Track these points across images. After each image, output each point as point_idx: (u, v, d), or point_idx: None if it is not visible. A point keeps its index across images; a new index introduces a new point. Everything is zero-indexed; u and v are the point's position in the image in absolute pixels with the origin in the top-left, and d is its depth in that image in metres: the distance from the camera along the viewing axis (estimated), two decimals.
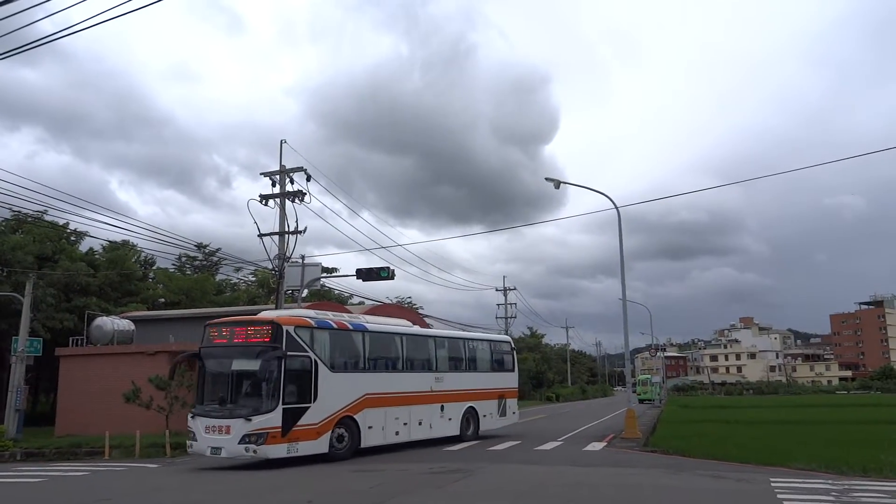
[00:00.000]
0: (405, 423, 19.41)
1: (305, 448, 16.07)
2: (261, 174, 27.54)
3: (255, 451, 15.26)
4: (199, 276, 50.98)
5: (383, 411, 18.60)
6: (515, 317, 65.08)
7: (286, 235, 26.66)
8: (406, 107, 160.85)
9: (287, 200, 26.79)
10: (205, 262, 53.50)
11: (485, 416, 22.85)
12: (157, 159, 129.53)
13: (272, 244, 26.62)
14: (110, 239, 44.56)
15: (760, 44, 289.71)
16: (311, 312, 18.32)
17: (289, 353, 15.83)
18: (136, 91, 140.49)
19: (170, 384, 21.14)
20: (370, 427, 18.04)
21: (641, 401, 62.84)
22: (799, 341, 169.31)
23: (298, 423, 15.89)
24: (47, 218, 34.43)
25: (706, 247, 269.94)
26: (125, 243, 41.65)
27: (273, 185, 26.95)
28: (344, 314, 20.93)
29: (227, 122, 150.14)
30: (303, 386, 16.15)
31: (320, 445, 16.50)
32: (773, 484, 11.86)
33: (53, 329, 34.51)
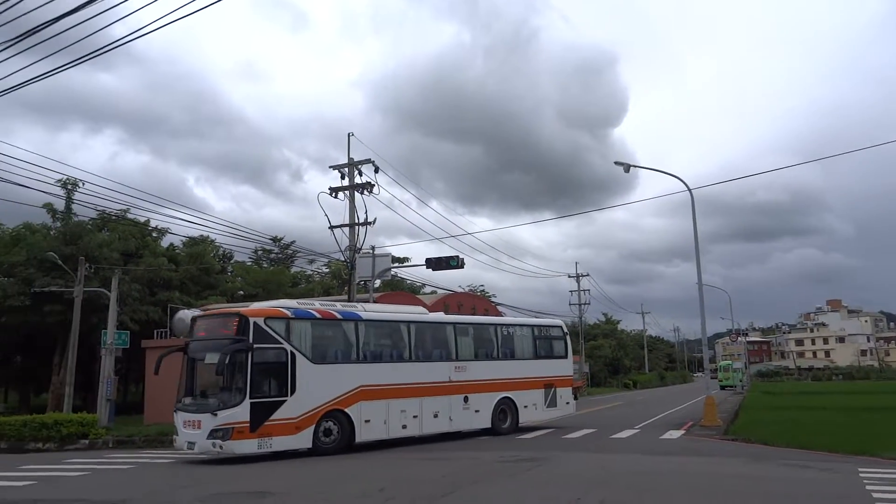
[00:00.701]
0: (415, 416, 18.13)
1: (281, 443, 15.61)
2: (329, 167, 27.95)
3: (220, 447, 14.99)
4: (275, 268, 52.18)
5: (385, 404, 17.50)
6: (589, 303, 64.42)
7: (356, 227, 26.98)
8: (470, 94, 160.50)
9: (356, 192, 27.08)
10: (280, 255, 54.73)
11: (525, 406, 21.03)
12: (231, 156, 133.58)
13: (343, 236, 27.01)
14: (190, 234, 46.04)
15: (837, 15, 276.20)
16: (293, 302, 17.68)
17: (257, 345, 15.39)
18: (207, 91, 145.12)
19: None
20: (367, 421, 17.04)
21: (723, 387, 61.19)
22: (893, 324, 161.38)
23: (272, 417, 15.41)
24: (130, 216, 35.81)
25: (787, 227, 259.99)
26: (204, 238, 42.95)
27: (342, 177, 27.29)
28: (337, 303, 19.41)
29: (295, 117, 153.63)
30: (276, 379, 15.67)
31: (301, 440, 15.96)
32: (861, 474, 11.30)
33: (140, 322, 35.92)
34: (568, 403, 22.65)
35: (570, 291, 63.87)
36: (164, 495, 11.01)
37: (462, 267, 27.68)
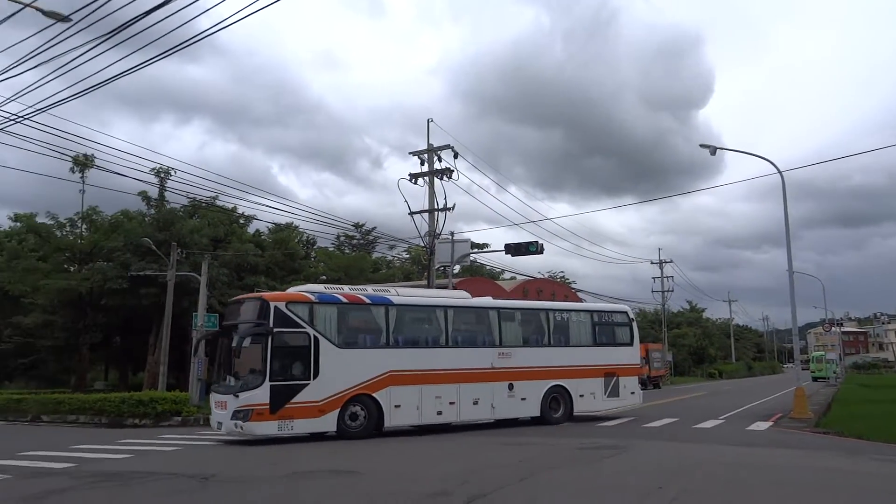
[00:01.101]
0: (452, 403, 17.76)
1: (303, 426, 15.79)
2: (409, 154, 28.20)
3: (241, 428, 15.37)
4: (357, 254, 53.11)
5: (417, 389, 17.26)
6: (672, 290, 62.96)
7: (436, 213, 27.15)
8: (549, 79, 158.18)
9: (436, 178, 27.23)
10: (361, 241, 55.66)
11: (581, 396, 20.07)
12: (313, 144, 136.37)
13: (423, 222, 27.23)
14: (275, 221, 47.37)
15: None
16: (320, 287, 17.82)
17: (277, 329, 15.60)
18: (289, 81, 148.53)
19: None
20: (398, 406, 16.91)
21: (815, 379, 58.81)
22: None
23: (294, 400, 15.62)
24: (219, 203, 37.10)
25: (887, 212, 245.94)
26: (289, 225, 44.09)
27: (422, 163, 27.50)
28: (368, 287, 19.58)
29: (374, 104, 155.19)
30: (299, 363, 15.87)
31: (325, 424, 16.08)
32: None
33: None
34: (633, 394, 21.46)
35: (653, 278, 62.59)
36: (251, 471, 11.41)
37: (541, 252, 27.49)
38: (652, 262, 62.23)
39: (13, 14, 12.46)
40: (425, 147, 27.58)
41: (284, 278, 43.33)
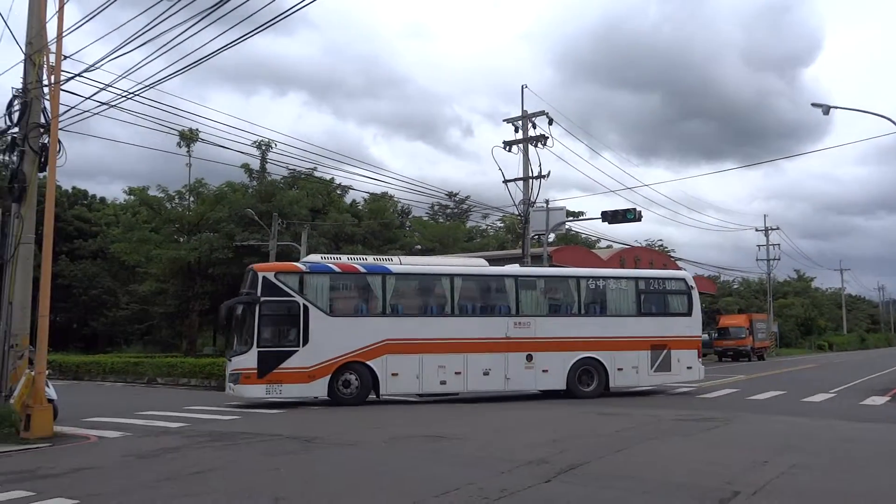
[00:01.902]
0: (457, 373, 17.38)
1: (292, 391, 16.42)
2: (503, 120, 27.93)
3: (233, 390, 16.59)
4: (451, 223, 53.39)
5: (417, 358, 17.11)
6: (779, 259, 60.19)
7: (530, 180, 26.85)
8: (644, 41, 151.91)
9: (530, 145, 26.89)
10: (455, 210, 55.87)
11: (620, 369, 18.72)
12: (404, 114, 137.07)
13: (517, 190, 27.00)
14: (370, 191, 48.12)
15: None
16: (315, 257, 18.24)
17: (265, 298, 16.28)
18: (379, 53, 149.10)
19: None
20: (395, 374, 16.95)
21: None
22: None
23: (282, 365, 16.26)
24: (317, 174, 37.99)
25: None
26: (384, 195, 44.74)
27: (515, 130, 27.19)
28: (368, 257, 19.62)
29: (464, 73, 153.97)
30: (287, 330, 16.49)
31: (314, 389, 16.59)
32: None
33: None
34: (690, 368, 19.48)
35: (758, 246, 59.93)
36: (349, 435, 11.72)
37: (639, 220, 26.76)
38: (757, 230, 59.63)
39: None
40: (518, 114, 27.25)
41: (381, 248, 44.13)
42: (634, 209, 26.96)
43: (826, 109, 22.56)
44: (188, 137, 34.98)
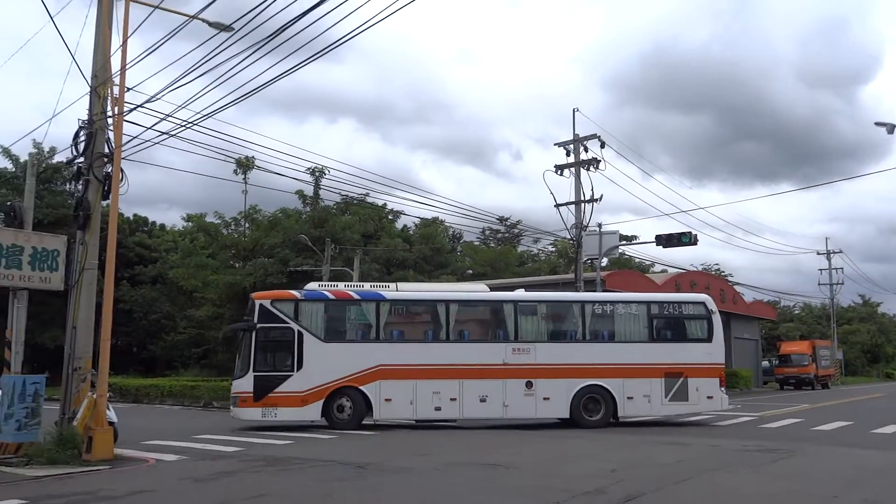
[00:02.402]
0: (452, 399, 17.20)
1: (287, 414, 16.89)
2: (555, 144, 27.85)
3: (232, 413, 17.51)
4: (503, 248, 53.23)
5: (411, 384, 17.13)
6: (843, 283, 58.32)
7: (582, 204, 26.64)
8: (694, 61, 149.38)
9: (582, 169, 26.73)
10: (506, 235, 55.73)
11: (630, 398, 17.85)
12: (453, 139, 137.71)
13: (568, 214, 26.81)
14: (422, 216, 48.37)
15: None
16: (314, 285, 18.62)
17: (261, 324, 17.01)
18: (427, 78, 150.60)
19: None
20: (388, 399, 17.08)
21: None
22: None
23: (277, 390, 16.83)
24: (369, 200, 38.38)
25: None
26: (435, 220, 44.91)
27: (567, 154, 27.08)
28: (365, 284, 19.93)
29: (512, 97, 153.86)
30: (282, 355, 17.08)
31: (308, 413, 17.03)
32: None
33: None
34: (711, 398, 18.27)
35: (820, 270, 58.16)
36: (399, 461, 11.65)
37: (695, 244, 26.25)
38: (818, 253, 57.95)
39: (182, 26, 13.39)
40: (567, 138, 27.14)
41: (432, 273, 44.23)
42: (689, 232, 26.48)
43: (891, 128, 21.87)
44: (245, 165, 35.77)
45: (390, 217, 45.66)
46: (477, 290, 19.71)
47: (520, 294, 20.14)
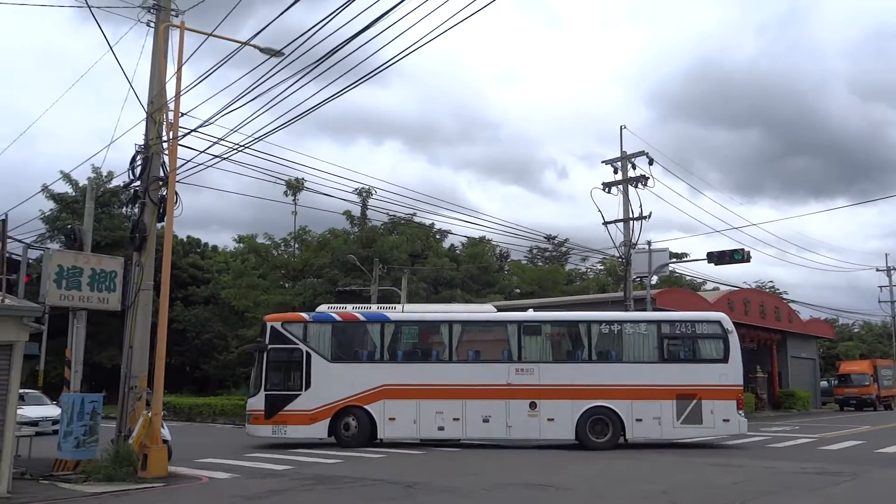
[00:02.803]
0: (456, 419, 17.26)
1: (296, 432, 17.50)
2: (602, 162, 27.64)
3: (247, 430, 18.19)
4: (550, 266, 52.92)
5: (414, 403, 17.37)
6: None
7: (631, 222, 26.35)
8: (741, 76, 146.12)
9: (630, 186, 26.47)
10: (554, 253, 55.40)
11: (639, 420, 17.31)
12: (498, 158, 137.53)
13: (617, 232, 26.53)
14: (468, 235, 48.43)
15: None
16: (323, 308, 19.07)
17: (272, 345, 17.70)
18: (471, 99, 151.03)
19: None
20: (392, 419, 17.41)
21: None
22: None
23: (286, 408, 17.45)
24: (416, 220, 38.63)
25: None
26: (482, 239, 44.90)
27: (615, 171, 26.86)
28: (372, 306, 20.42)
29: (557, 115, 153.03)
30: (292, 375, 17.72)
31: (316, 431, 17.51)
32: None
33: None
34: (727, 421, 17.43)
35: (880, 287, 56.20)
36: (446, 481, 11.60)
37: (748, 261, 25.69)
38: (878, 269, 56.12)
39: (234, 53, 13.76)
40: (614, 155, 26.94)
41: (479, 291, 44.15)
42: (742, 249, 25.92)
43: None
44: (294, 186, 36.39)
45: (437, 236, 45.85)
46: (482, 311, 20.05)
47: (525, 314, 19.93)
